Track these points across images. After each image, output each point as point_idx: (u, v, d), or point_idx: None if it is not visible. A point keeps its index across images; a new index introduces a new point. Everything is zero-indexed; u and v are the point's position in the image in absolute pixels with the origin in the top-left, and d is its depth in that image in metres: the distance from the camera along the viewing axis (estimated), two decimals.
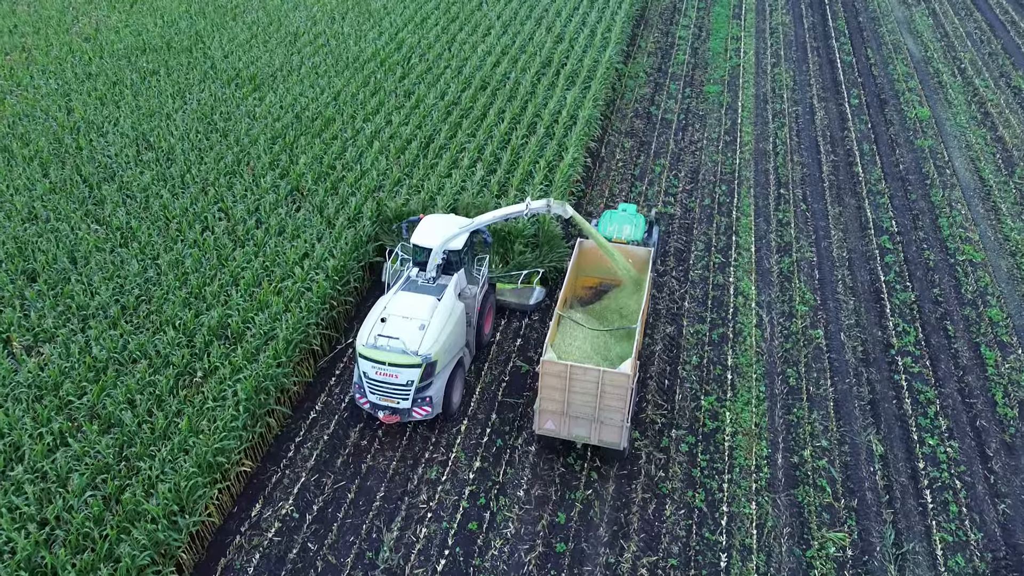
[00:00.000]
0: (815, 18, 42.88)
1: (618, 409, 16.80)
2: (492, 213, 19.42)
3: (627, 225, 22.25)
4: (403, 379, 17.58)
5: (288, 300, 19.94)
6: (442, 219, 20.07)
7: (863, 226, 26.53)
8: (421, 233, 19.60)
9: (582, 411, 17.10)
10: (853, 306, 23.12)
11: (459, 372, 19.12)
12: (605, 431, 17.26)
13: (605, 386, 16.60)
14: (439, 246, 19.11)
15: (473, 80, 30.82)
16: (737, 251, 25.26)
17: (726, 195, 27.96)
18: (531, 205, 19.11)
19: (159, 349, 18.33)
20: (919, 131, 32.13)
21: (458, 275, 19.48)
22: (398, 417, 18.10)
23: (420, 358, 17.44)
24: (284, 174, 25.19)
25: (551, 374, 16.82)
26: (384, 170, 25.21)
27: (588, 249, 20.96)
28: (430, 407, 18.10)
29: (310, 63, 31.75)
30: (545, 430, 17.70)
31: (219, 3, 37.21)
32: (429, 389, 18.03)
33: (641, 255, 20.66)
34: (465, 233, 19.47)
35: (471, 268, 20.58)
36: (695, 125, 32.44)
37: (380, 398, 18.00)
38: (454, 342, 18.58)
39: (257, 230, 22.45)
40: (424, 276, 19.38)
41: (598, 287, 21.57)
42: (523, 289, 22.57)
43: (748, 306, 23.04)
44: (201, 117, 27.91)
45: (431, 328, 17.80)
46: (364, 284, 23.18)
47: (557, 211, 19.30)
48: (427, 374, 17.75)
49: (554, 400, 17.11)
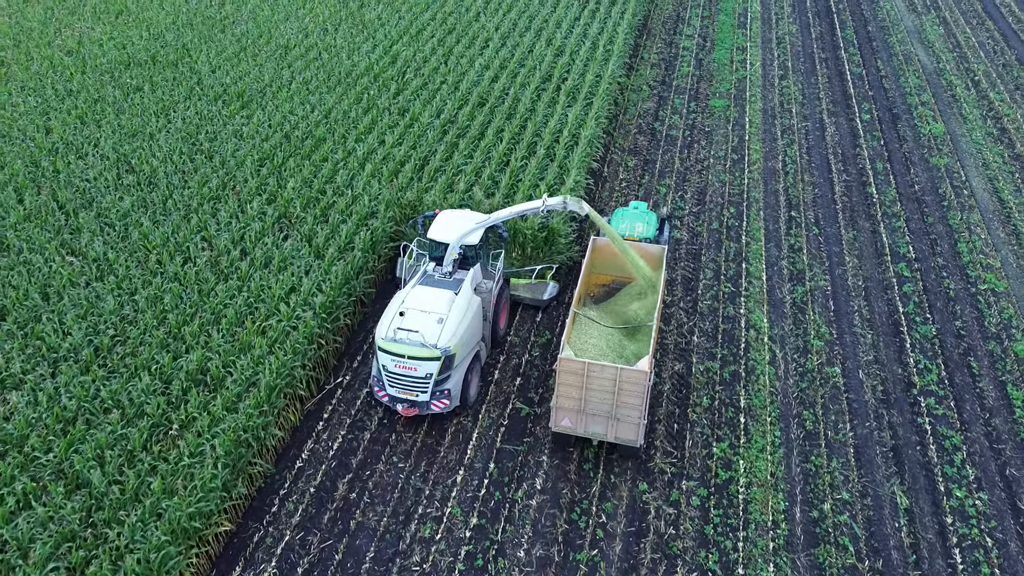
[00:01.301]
0: (823, 27, 41.68)
1: (635, 406, 16.93)
2: (509, 209, 19.55)
3: (639, 223, 22.26)
4: (422, 372, 17.79)
5: (272, 341, 18.70)
6: (458, 214, 20.44)
7: (879, 252, 25.32)
8: (437, 228, 19.96)
9: (599, 408, 17.21)
10: (871, 340, 21.91)
11: (475, 365, 19.29)
12: (622, 428, 17.36)
13: (622, 383, 16.72)
14: (456, 241, 19.33)
15: (470, 97, 29.59)
16: (747, 279, 24.05)
17: (735, 218, 26.75)
18: (548, 202, 19.26)
19: (133, 397, 17.09)
20: (934, 148, 30.93)
21: (474, 270, 19.72)
22: (416, 410, 18.33)
23: (439, 351, 17.65)
24: (271, 199, 23.96)
25: (568, 371, 16.94)
26: (376, 195, 23.97)
27: (601, 246, 21.00)
28: (448, 400, 18.33)
29: (301, 78, 30.51)
30: (561, 427, 17.78)
31: (208, 14, 35.95)
32: (447, 382, 18.27)
33: (655, 253, 20.77)
34: (481, 228, 19.62)
35: (486, 263, 20.80)
36: (701, 142, 31.22)
37: (399, 391, 18.22)
38: (471, 335, 18.80)
39: (242, 262, 21.21)
40: (441, 271, 19.64)
41: (611, 284, 21.60)
42: (537, 284, 22.63)
43: (760, 341, 21.83)
44: (186, 137, 26.66)
45: (449, 321, 18.05)
46: (356, 318, 21.96)
47: (573, 208, 19.49)
48: (446, 367, 17.97)
49: (571, 397, 17.22)
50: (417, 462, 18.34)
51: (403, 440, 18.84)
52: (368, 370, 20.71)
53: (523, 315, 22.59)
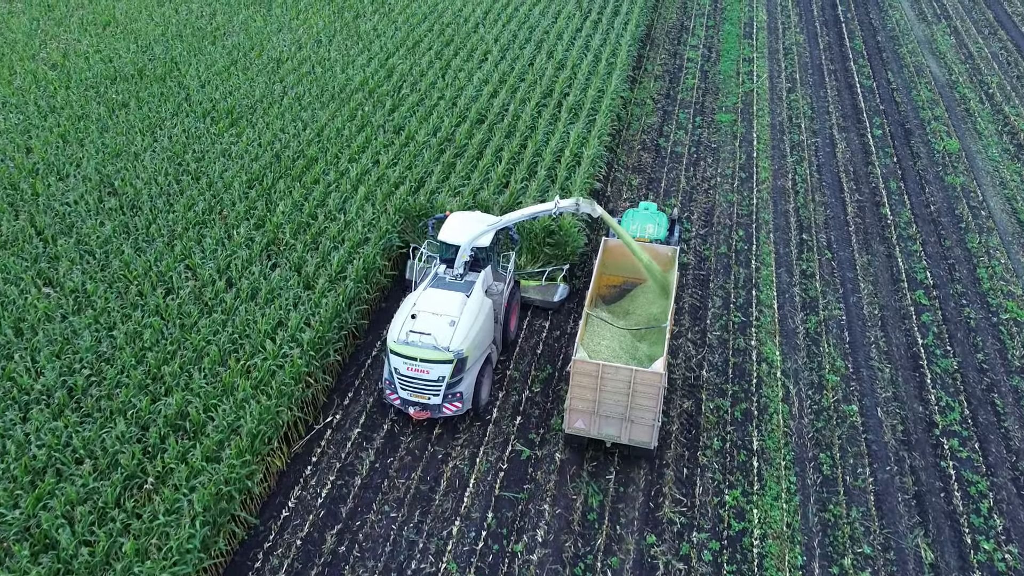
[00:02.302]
0: (831, 37, 40.61)
1: (650, 408, 16.87)
2: (520, 211, 19.32)
3: (650, 224, 22.18)
4: (434, 375, 17.75)
5: (257, 383, 17.62)
6: (469, 216, 20.24)
7: (895, 278, 24.25)
8: (448, 230, 19.79)
9: (613, 410, 17.14)
10: (889, 375, 20.84)
11: (487, 368, 19.17)
12: (636, 430, 17.30)
13: (637, 385, 16.68)
14: (467, 243, 19.17)
15: (468, 113, 28.52)
16: (758, 308, 22.98)
17: (744, 241, 25.67)
18: (560, 203, 19.02)
19: (107, 446, 15.99)
20: (949, 166, 29.85)
21: (485, 272, 19.62)
22: (428, 413, 18.24)
23: (452, 354, 17.56)
24: (260, 224, 22.88)
25: (582, 373, 16.89)
26: (371, 220, 22.91)
27: (613, 247, 20.90)
28: (460, 403, 18.23)
29: (293, 93, 29.44)
30: (575, 429, 17.71)
31: (198, 25, 34.89)
32: (460, 385, 18.18)
33: (666, 254, 20.69)
34: (492, 231, 19.46)
35: (497, 265, 20.65)
36: (707, 159, 30.16)
37: (411, 394, 18.15)
38: (483, 338, 18.71)
39: (227, 293, 20.14)
40: (452, 273, 19.52)
41: (622, 285, 21.53)
42: (547, 286, 22.54)
43: (773, 375, 20.76)
44: (172, 157, 25.59)
45: (461, 324, 17.96)
46: (348, 350, 20.90)
47: (586, 210, 19.19)
48: (458, 370, 17.89)
49: (585, 399, 17.16)
50: (411, 511, 17.27)
51: (396, 487, 17.76)
52: (360, 407, 19.65)
53: (523, 344, 21.52)
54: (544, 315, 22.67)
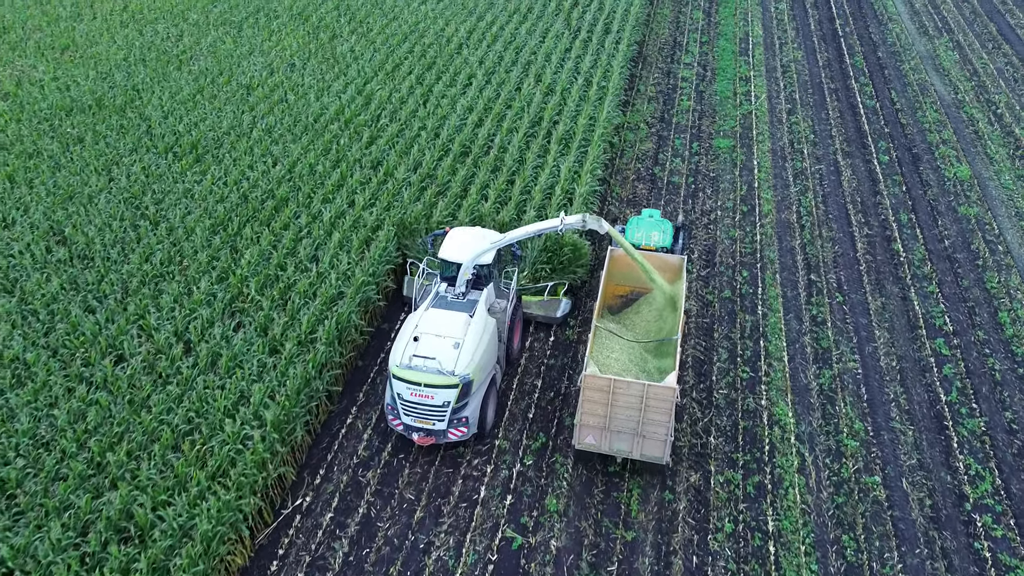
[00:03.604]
0: (830, 53, 38.99)
1: (662, 423, 16.61)
2: (525, 228, 18.57)
3: (655, 232, 21.88)
4: (439, 400, 17.12)
5: (214, 472, 15.66)
6: (470, 232, 19.62)
7: (912, 324, 22.55)
8: (449, 247, 19.14)
9: (624, 425, 16.87)
10: (913, 439, 19.12)
11: (492, 390, 18.56)
12: (648, 445, 17.03)
13: (649, 400, 16.40)
14: (469, 261, 18.50)
15: (451, 146, 26.63)
16: (767, 362, 21.22)
17: (748, 283, 23.92)
18: (566, 220, 18.40)
19: (39, 557, 14.01)
20: (961, 195, 28.24)
21: (488, 289, 19.05)
22: (433, 439, 17.65)
23: (458, 378, 16.98)
24: (223, 277, 20.90)
25: (593, 388, 16.59)
26: (345, 271, 20.98)
27: (619, 257, 20.53)
28: (466, 427, 17.69)
29: (263, 124, 27.45)
30: (585, 444, 17.39)
31: (163, 48, 32.82)
32: (465, 409, 17.59)
33: (674, 263, 20.46)
34: (495, 249, 18.80)
35: (499, 281, 20.11)
36: (706, 190, 28.40)
37: (415, 420, 17.50)
38: (489, 359, 18.16)
39: (184, 360, 18.17)
40: (453, 291, 18.88)
41: (629, 295, 21.21)
42: (550, 301, 21.92)
43: (787, 441, 18.99)
44: (129, 199, 23.56)
45: (466, 346, 17.35)
46: (320, 418, 18.96)
47: (593, 226, 18.62)
48: (464, 394, 17.27)
49: (596, 415, 16.85)
50: None
51: None
52: (333, 486, 17.71)
53: (513, 408, 19.64)
54: (546, 331, 20.83)
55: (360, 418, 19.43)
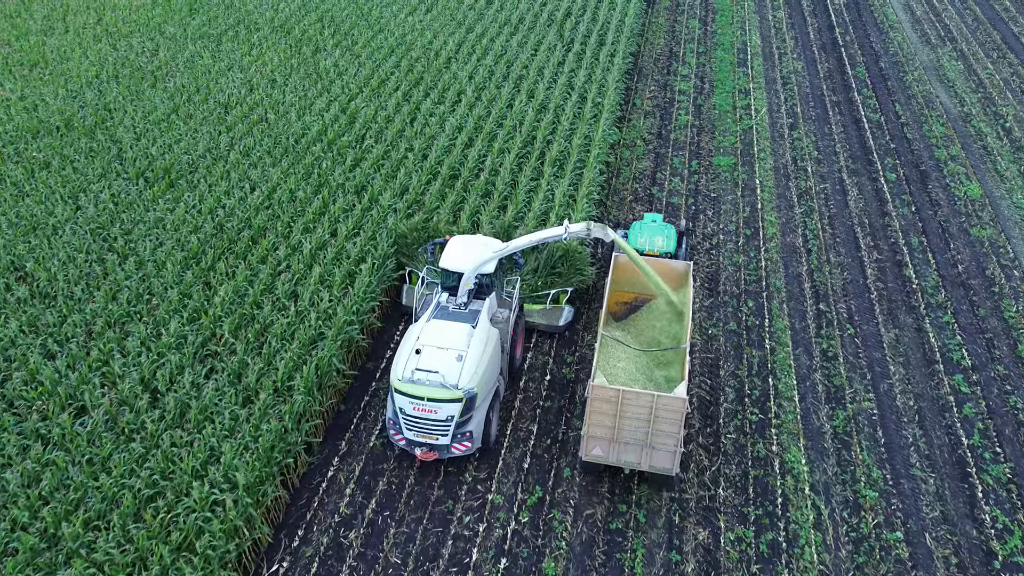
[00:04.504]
0: (831, 64, 37.83)
1: (672, 434, 16.29)
2: (528, 237, 18.34)
3: (658, 236, 21.55)
4: (443, 414, 16.70)
5: (179, 545, 14.28)
6: (471, 241, 19.12)
7: (928, 358, 21.34)
8: (451, 256, 18.65)
9: (633, 436, 16.56)
10: (934, 488, 17.88)
11: (495, 403, 18.12)
12: (657, 456, 16.67)
13: (659, 411, 16.08)
14: (471, 270, 18.06)
15: (440, 169, 25.29)
16: (777, 402, 19.95)
17: (754, 315, 22.66)
18: (570, 228, 18.10)
19: None
20: (973, 215, 27.07)
21: (490, 299, 18.57)
22: (436, 454, 17.19)
23: (462, 392, 16.53)
24: (195, 317, 19.49)
25: (601, 399, 16.25)
26: (326, 310, 19.62)
27: (624, 263, 20.08)
28: (470, 442, 17.23)
29: (241, 146, 26.05)
30: (592, 456, 17.03)
31: (137, 64, 31.35)
32: (469, 424, 17.16)
33: (680, 269, 20.08)
34: (497, 259, 18.36)
35: (501, 291, 19.61)
36: (707, 212, 27.15)
37: (417, 435, 17.03)
38: (492, 372, 17.74)
39: (150, 413, 16.75)
40: (455, 302, 18.43)
41: (633, 302, 20.65)
42: (552, 310, 21.57)
43: (801, 492, 17.71)
44: (96, 230, 22.13)
45: (469, 359, 16.93)
46: (298, 472, 17.58)
47: (598, 234, 18.49)
48: (468, 408, 16.83)
49: (603, 426, 16.54)
50: None
51: None
52: (312, 549, 16.33)
53: (510, 452, 18.30)
54: (541, 371, 19.50)
55: (342, 470, 18.06)
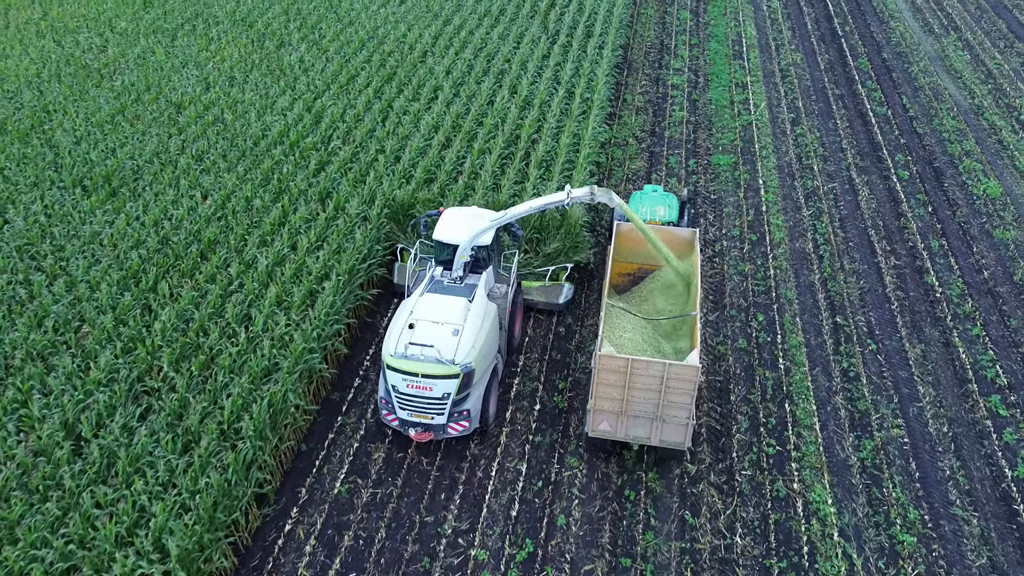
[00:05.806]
0: (831, 55, 35.72)
1: (684, 406, 15.56)
2: (528, 204, 17.51)
3: (660, 206, 21.07)
4: (439, 391, 15.87)
5: None
6: (466, 212, 18.33)
7: (959, 377, 19.18)
8: (445, 228, 17.81)
9: (643, 409, 15.75)
10: (979, 529, 15.69)
11: (494, 381, 17.23)
12: (668, 430, 15.90)
13: (671, 381, 15.28)
14: (467, 242, 17.30)
15: (414, 172, 22.87)
16: (796, 431, 17.71)
17: (765, 330, 20.42)
18: (572, 193, 17.47)
19: None
20: (993, 215, 24.98)
21: (487, 273, 17.80)
22: (431, 435, 16.36)
23: (459, 367, 15.71)
24: (130, 347, 16.97)
25: (609, 369, 15.38)
26: (282, 337, 17.16)
27: (626, 232, 19.29)
28: (467, 421, 16.38)
29: (193, 149, 23.51)
30: (599, 432, 16.23)
31: (83, 61, 28.69)
32: (466, 401, 16.31)
33: (685, 237, 19.44)
34: (494, 228, 17.51)
35: (499, 264, 18.84)
36: (708, 215, 24.89)
37: (411, 414, 16.15)
38: (490, 347, 16.90)
39: (70, 466, 14.23)
40: (450, 276, 17.68)
41: (636, 273, 19.97)
42: (551, 287, 20.61)
43: (829, 539, 15.46)
44: (23, 247, 19.55)
45: (466, 333, 16.08)
46: (250, 528, 15.11)
47: (602, 199, 17.83)
48: (465, 384, 16.01)
49: (611, 398, 15.71)
50: None
51: None
52: None
53: (495, 498, 15.91)
54: (530, 400, 17.13)
55: (302, 523, 15.61)
